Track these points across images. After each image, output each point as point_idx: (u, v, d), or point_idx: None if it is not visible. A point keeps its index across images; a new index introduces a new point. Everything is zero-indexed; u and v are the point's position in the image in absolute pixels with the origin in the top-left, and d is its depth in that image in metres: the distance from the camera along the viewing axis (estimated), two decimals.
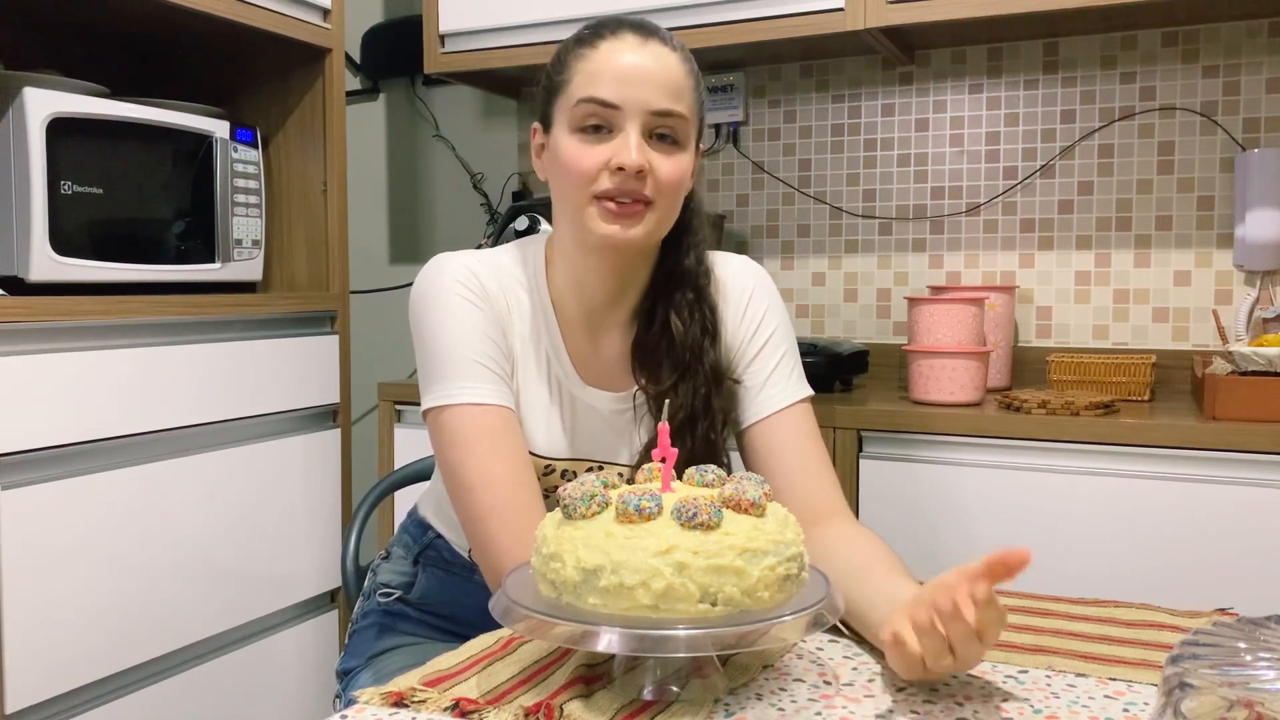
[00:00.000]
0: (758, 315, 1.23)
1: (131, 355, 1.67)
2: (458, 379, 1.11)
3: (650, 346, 1.19)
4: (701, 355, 1.18)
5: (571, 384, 1.19)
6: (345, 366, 2.12)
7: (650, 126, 1.09)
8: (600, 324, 1.20)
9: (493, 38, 2.24)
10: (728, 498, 0.81)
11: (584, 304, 1.19)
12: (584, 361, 1.20)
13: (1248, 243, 1.98)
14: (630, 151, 1.07)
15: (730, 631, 0.75)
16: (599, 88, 1.09)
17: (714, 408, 1.17)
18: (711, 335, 1.19)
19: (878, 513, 1.78)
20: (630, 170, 1.07)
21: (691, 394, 1.17)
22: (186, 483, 1.77)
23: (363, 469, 2.31)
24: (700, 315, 1.19)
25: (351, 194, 2.57)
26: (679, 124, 1.11)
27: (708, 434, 1.17)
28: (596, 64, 1.10)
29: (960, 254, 2.24)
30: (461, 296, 1.13)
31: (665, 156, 1.10)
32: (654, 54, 1.10)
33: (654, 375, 1.18)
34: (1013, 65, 2.18)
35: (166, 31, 2.06)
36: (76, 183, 1.67)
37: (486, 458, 1.08)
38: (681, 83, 1.11)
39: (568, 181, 1.11)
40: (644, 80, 1.08)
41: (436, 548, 1.34)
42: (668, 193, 1.11)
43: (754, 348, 1.22)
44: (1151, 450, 1.63)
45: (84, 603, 1.60)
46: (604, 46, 1.11)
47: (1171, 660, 0.67)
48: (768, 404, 1.19)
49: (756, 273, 1.27)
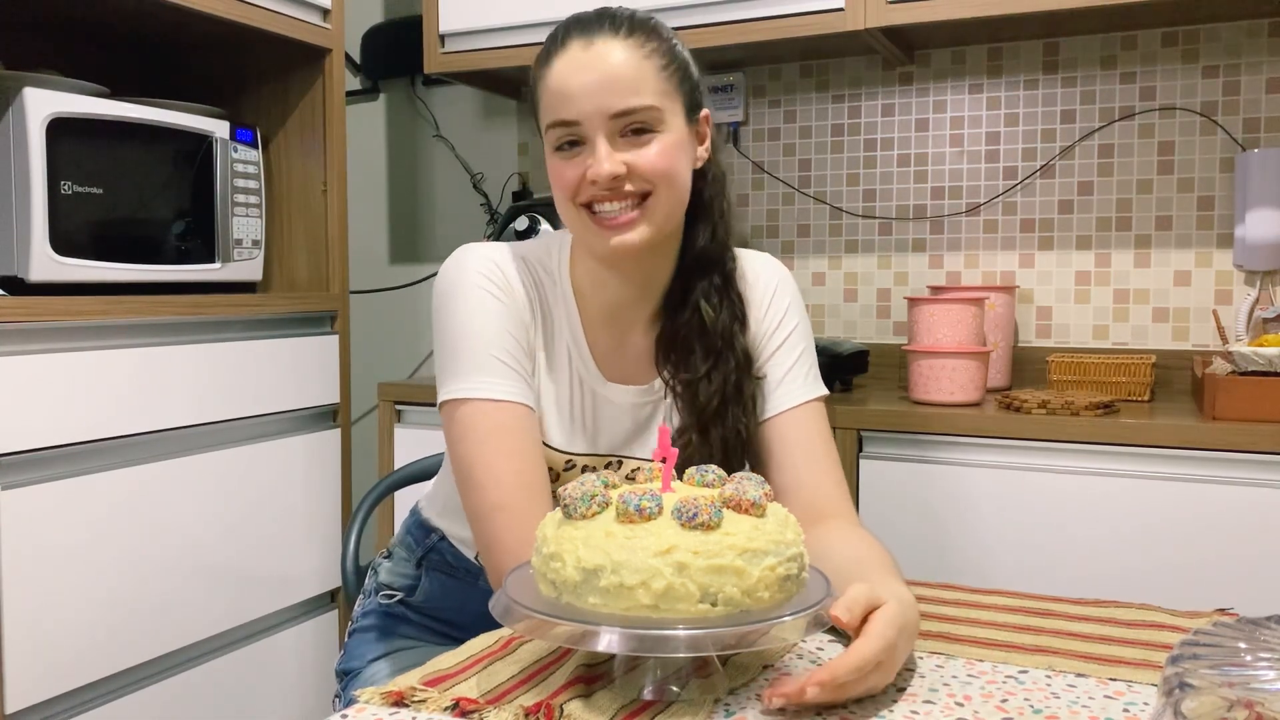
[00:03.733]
0: (780, 311, 1.23)
1: (131, 355, 1.67)
2: (476, 373, 1.10)
3: (680, 335, 1.18)
4: (733, 340, 1.17)
5: (593, 380, 1.19)
6: (345, 366, 2.12)
7: (616, 128, 1.08)
8: (624, 319, 1.20)
9: (493, 38, 2.24)
10: (728, 498, 0.81)
11: (608, 300, 1.18)
12: (606, 357, 1.19)
13: (1248, 243, 1.98)
14: (600, 163, 1.07)
15: (730, 631, 0.75)
16: (558, 109, 1.08)
17: (745, 394, 1.17)
18: (741, 321, 1.19)
19: (878, 513, 1.78)
20: (603, 180, 1.07)
21: (723, 381, 1.16)
22: (186, 483, 1.77)
23: (363, 469, 2.31)
24: (729, 301, 1.18)
25: (351, 194, 2.57)
26: (647, 115, 1.08)
27: (738, 421, 1.16)
28: (552, 83, 1.09)
29: (960, 254, 2.24)
30: (484, 289, 1.13)
31: (643, 149, 1.08)
32: (600, 54, 1.07)
33: (685, 363, 1.17)
34: (1013, 65, 2.18)
35: (166, 31, 2.06)
36: (76, 183, 1.67)
37: (498, 455, 1.08)
38: (635, 71, 1.08)
39: (557, 197, 1.13)
40: (595, 89, 1.07)
41: (440, 551, 1.34)
42: (660, 180, 1.09)
43: (774, 344, 1.21)
44: (1151, 450, 1.63)
45: (84, 603, 1.60)
46: (555, 63, 1.09)
47: (1172, 660, 0.67)
48: (782, 400, 1.19)
49: (780, 270, 1.27)
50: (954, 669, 0.89)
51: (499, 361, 1.11)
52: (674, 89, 1.11)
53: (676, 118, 1.11)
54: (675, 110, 1.11)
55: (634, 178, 1.08)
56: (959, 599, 1.11)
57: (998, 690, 0.84)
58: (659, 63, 1.10)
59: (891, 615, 0.81)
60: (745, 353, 1.18)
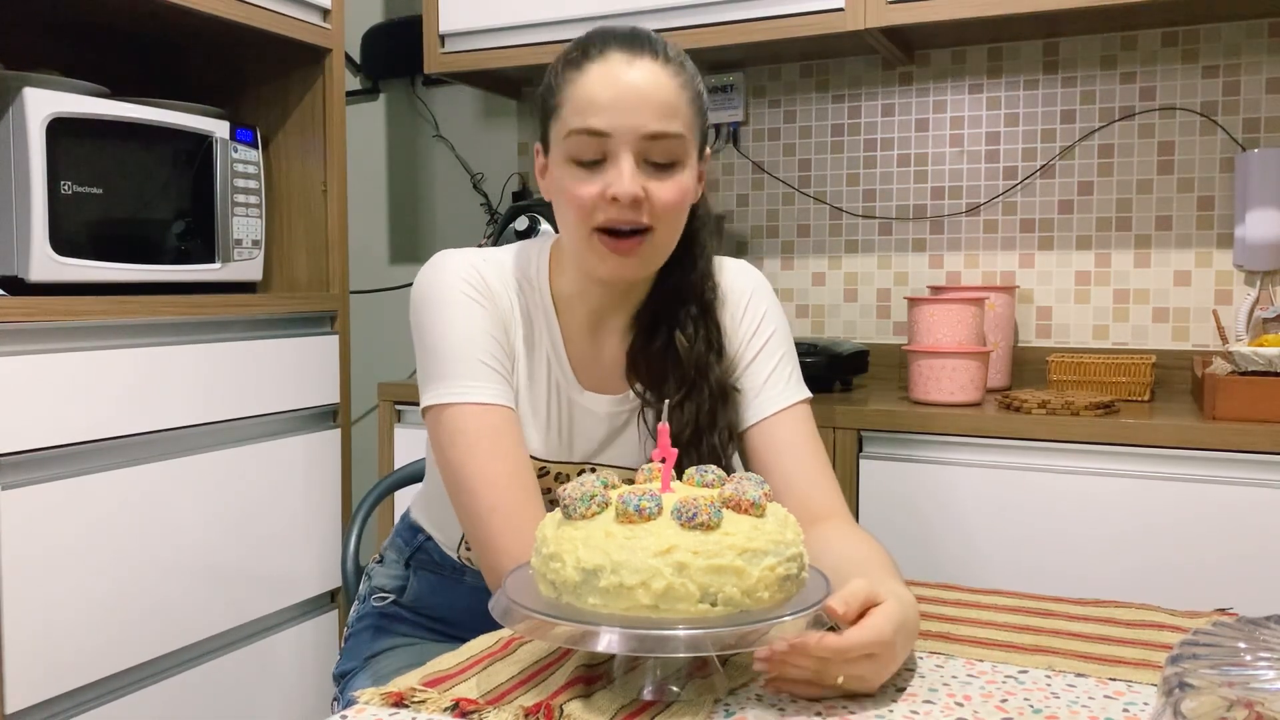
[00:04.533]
0: (756, 318, 1.23)
1: (131, 355, 1.67)
2: (460, 377, 1.10)
3: (651, 359, 1.18)
4: (707, 371, 1.17)
5: (570, 387, 1.19)
6: (345, 366, 2.12)
7: (644, 151, 1.06)
8: (601, 328, 1.20)
9: (493, 38, 2.24)
10: (728, 498, 0.81)
11: (586, 309, 1.19)
12: (583, 365, 1.20)
13: (1248, 243, 1.98)
14: (624, 181, 1.05)
15: (730, 631, 0.75)
16: (588, 117, 1.05)
17: (719, 423, 1.17)
18: (717, 351, 1.18)
19: (878, 513, 1.78)
20: (625, 200, 1.05)
21: (696, 409, 1.16)
22: (186, 483, 1.77)
23: (363, 469, 2.31)
24: (706, 331, 1.18)
25: (351, 194, 2.57)
26: (675, 144, 1.07)
27: (714, 448, 1.16)
28: (585, 90, 1.06)
29: (960, 254, 2.24)
30: (465, 294, 1.12)
31: (662, 181, 1.07)
32: (643, 72, 1.06)
33: (657, 389, 1.17)
34: (1013, 65, 2.18)
35: (166, 31, 2.06)
36: (76, 183, 1.67)
37: (488, 458, 1.08)
38: (674, 99, 1.07)
39: (568, 213, 1.10)
40: (633, 104, 1.05)
41: (427, 550, 1.34)
42: (667, 218, 1.09)
43: (752, 350, 1.21)
44: (1151, 450, 1.63)
45: (84, 603, 1.60)
46: (591, 70, 1.07)
47: (1171, 660, 0.67)
48: (766, 406, 1.19)
49: (755, 276, 1.27)
50: (954, 669, 0.89)
51: (483, 365, 1.11)
52: (697, 125, 1.11)
53: (693, 154, 1.11)
54: (694, 146, 1.11)
55: (647, 208, 1.07)
56: (959, 599, 1.11)
57: (997, 690, 0.84)
58: (690, 95, 1.10)
59: (889, 612, 0.81)
60: (720, 382, 1.17)
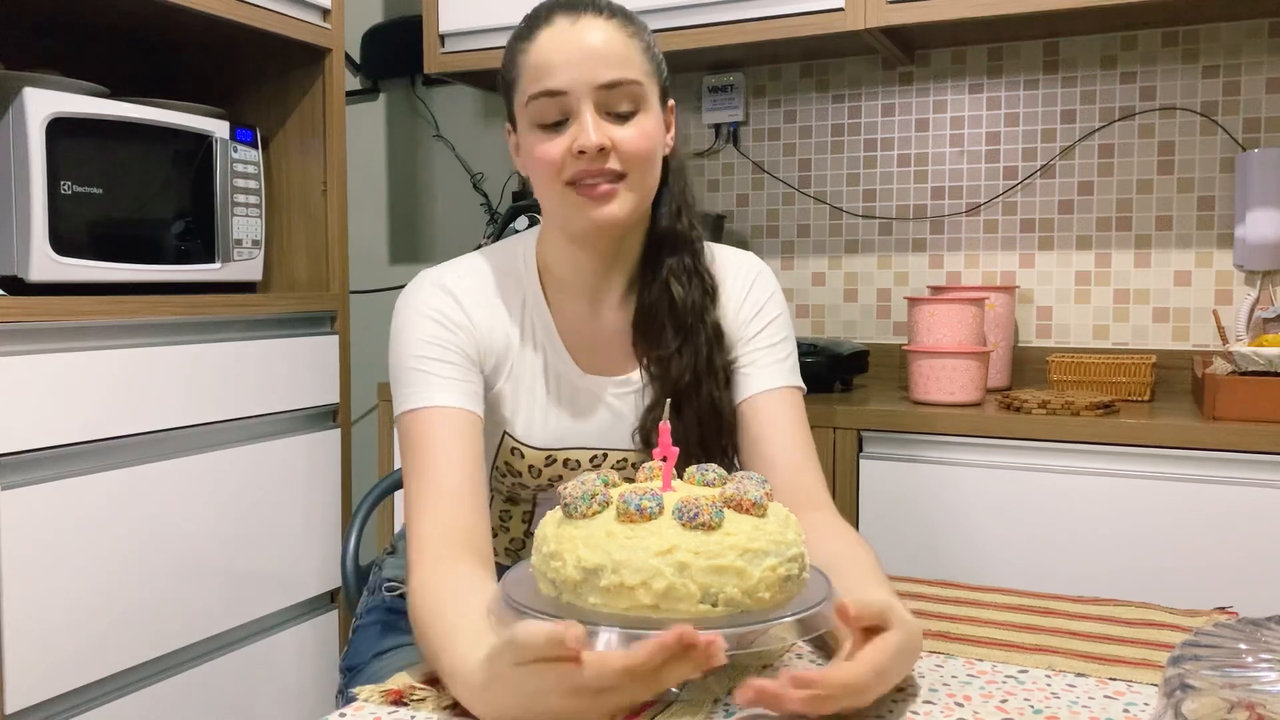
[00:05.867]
0: (760, 299, 1.24)
1: (131, 355, 1.67)
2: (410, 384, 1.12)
3: (651, 314, 1.19)
4: (703, 316, 1.19)
5: (571, 375, 1.20)
6: (345, 366, 2.12)
7: (603, 102, 1.10)
8: (599, 304, 1.21)
9: (493, 38, 2.24)
10: (729, 498, 0.81)
11: (580, 285, 1.20)
12: (582, 351, 1.20)
13: (1248, 243, 1.98)
14: (588, 133, 1.08)
15: (730, 632, 0.75)
16: (544, 80, 1.10)
17: (716, 365, 1.18)
18: (711, 297, 1.20)
19: (878, 513, 1.78)
20: (591, 150, 1.08)
21: (694, 356, 1.17)
22: (186, 483, 1.77)
23: (363, 469, 2.31)
24: (699, 279, 1.20)
25: (351, 194, 2.57)
26: (633, 90, 1.10)
27: (711, 393, 1.17)
28: (536, 56, 1.11)
29: (960, 254, 2.24)
30: (429, 317, 1.14)
31: (626, 127, 1.10)
32: (587, 28, 1.10)
33: (656, 341, 1.19)
34: (1013, 65, 2.18)
35: (166, 31, 2.06)
36: (76, 183, 1.67)
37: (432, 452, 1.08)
38: (623, 48, 1.11)
39: (540, 176, 1.13)
40: (583, 58, 1.09)
41: None
42: (638, 163, 1.11)
43: (753, 329, 1.23)
44: (1152, 450, 1.63)
45: (84, 603, 1.60)
46: (540, 37, 1.12)
47: (1172, 661, 0.67)
48: (763, 381, 1.20)
49: (761, 264, 1.29)
50: (954, 669, 0.89)
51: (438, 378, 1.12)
52: (653, 71, 1.15)
53: (654, 100, 1.14)
54: (654, 93, 1.14)
55: (615, 156, 1.10)
56: (959, 598, 1.11)
57: (998, 690, 0.84)
58: (641, 44, 1.14)
59: (894, 644, 0.79)
60: (716, 327, 1.20)
